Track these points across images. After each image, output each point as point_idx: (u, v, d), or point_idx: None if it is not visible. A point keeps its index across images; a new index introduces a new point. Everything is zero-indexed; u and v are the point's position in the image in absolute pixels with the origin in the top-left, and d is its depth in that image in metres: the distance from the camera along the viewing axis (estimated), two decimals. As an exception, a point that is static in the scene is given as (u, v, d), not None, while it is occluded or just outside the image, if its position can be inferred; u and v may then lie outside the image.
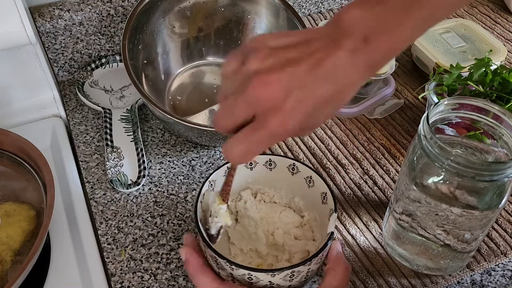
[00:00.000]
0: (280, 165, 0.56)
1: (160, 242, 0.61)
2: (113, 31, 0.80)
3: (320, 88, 0.37)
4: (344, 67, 0.36)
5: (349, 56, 0.36)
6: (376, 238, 0.61)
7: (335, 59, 0.36)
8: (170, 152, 0.72)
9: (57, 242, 0.60)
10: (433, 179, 0.50)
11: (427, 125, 0.48)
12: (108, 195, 0.66)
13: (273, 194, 0.58)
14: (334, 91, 0.37)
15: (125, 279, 0.57)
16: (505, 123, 0.50)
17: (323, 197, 0.53)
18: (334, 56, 0.36)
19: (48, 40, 0.76)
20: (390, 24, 0.36)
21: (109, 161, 0.68)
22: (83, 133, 0.74)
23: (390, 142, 0.72)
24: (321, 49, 0.37)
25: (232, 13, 0.77)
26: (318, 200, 0.54)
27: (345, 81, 0.37)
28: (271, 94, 0.36)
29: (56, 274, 0.58)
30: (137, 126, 0.73)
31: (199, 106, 0.75)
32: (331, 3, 0.97)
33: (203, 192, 0.52)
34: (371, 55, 0.37)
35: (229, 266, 0.45)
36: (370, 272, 0.58)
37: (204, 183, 0.52)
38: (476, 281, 0.58)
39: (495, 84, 0.65)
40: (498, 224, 0.62)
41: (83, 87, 0.79)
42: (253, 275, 0.45)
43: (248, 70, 0.37)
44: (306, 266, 0.46)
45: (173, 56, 0.78)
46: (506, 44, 0.88)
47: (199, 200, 0.51)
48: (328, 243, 0.47)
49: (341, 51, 0.36)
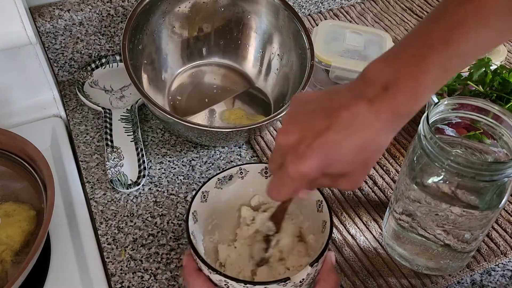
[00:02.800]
0: None
1: (160, 242, 0.61)
2: (113, 31, 0.80)
3: (335, 135, 0.38)
4: (364, 115, 0.38)
5: (369, 105, 0.38)
6: (376, 238, 0.61)
7: (354, 108, 0.38)
8: (170, 152, 0.72)
9: (57, 242, 0.60)
10: (433, 179, 0.50)
11: (427, 125, 0.48)
12: (108, 195, 0.66)
13: None
14: (355, 139, 0.38)
15: (125, 279, 0.57)
16: (505, 123, 0.50)
17: (318, 205, 0.53)
18: (354, 106, 0.38)
19: (48, 40, 0.76)
20: (408, 70, 0.38)
21: (109, 161, 0.68)
22: (83, 133, 0.74)
23: (390, 142, 0.72)
24: (343, 101, 0.39)
25: (232, 13, 0.77)
26: (313, 208, 0.54)
27: (366, 130, 0.38)
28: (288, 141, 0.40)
29: (56, 274, 0.58)
30: (137, 126, 0.73)
31: (199, 106, 0.75)
32: (331, 3, 0.97)
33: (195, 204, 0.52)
34: (392, 102, 0.38)
35: (207, 269, 0.46)
36: (370, 272, 0.58)
37: (195, 194, 0.53)
38: (476, 281, 0.58)
39: (495, 84, 0.65)
40: (498, 224, 0.62)
41: (83, 87, 0.79)
42: (229, 283, 0.45)
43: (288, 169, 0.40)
44: (280, 287, 0.45)
45: (173, 56, 0.78)
46: (506, 44, 0.88)
47: (190, 211, 0.51)
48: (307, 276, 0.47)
49: (361, 101, 0.38)
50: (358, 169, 0.41)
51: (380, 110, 0.38)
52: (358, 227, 0.62)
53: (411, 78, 0.38)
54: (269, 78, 0.79)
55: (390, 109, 0.38)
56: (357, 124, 0.38)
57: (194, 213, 0.52)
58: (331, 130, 0.38)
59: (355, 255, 0.59)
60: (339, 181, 0.42)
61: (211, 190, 0.54)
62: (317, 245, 0.53)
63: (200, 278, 0.48)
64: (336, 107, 0.39)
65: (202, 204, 0.53)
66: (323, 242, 0.49)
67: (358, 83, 0.40)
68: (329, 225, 0.50)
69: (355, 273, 0.58)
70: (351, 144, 0.38)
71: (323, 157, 0.39)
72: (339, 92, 0.40)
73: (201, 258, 0.46)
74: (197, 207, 0.52)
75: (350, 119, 0.38)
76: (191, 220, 0.51)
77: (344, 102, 0.39)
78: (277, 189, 0.43)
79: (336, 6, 0.98)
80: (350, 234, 0.61)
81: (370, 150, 0.40)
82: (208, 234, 0.56)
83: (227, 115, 0.74)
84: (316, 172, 0.39)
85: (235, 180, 0.56)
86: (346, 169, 0.40)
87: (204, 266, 0.46)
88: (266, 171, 0.56)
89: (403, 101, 0.38)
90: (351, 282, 0.57)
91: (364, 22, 0.95)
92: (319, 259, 0.46)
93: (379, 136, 0.39)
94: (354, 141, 0.38)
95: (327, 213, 0.51)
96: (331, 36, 0.79)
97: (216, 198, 0.55)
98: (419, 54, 0.38)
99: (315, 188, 0.51)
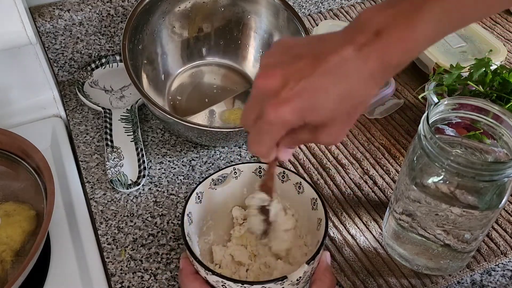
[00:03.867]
0: None
1: (160, 242, 0.61)
2: (113, 31, 0.80)
3: (320, 80, 0.37)
4: (352, 61, 0.36)
5: (358, 50, 0.36)
6: (376, 238, 0.61)
7: (342, 53, 0.36)
8: (170, 152, 0.72)
9: (57, 242, 0.60)
10: (433, 179, 0.50)
11: (427, 125, 0.48)
12: (108, 195, 0.66)
13: None
14: (341, 86, 0.37)
15: (125, 279, 0.57)
16: (505, 123, 0.50)
17: (313, 203, 0.53)
18: (342, 50, 0.36)
19: (48, 40, 0.76)
20: (401, 21, 0.36)
21: (109, 161, 0.68)
22: (83, 133, 0.74)
23: (390, 142, 0.72)
24: (332, 46, 0.37)
25: (232, 13, 0.77)
26: (308, 206, 0.54)
27: (353, 76, 0.37)
28: (269, 86, 0.38)
29: (56, 274, 0.58)
30: (137, 126, 0.73)
31: (199, 106, 0.75)
32: (331, 3, 0.97)
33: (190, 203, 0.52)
34: (382, 50, 0.36)
35: (204, 270, 0.46)
36: (370, 272, 0.58)
37: (190, 194, 0.53)
38: (476, 281, 0.58)
39: (495, 84, 0.65)
40: (498, 224, 0.62)
41: (83, 87, 0.79)
42: (226, 284, 0.45)
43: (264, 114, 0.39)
44: (278, 285, 0.45)
45: (173, 56, 0.78)
46: (506, 44, 0.88)
47: (185, 213, 0.51)
48: (303, 274, 0.46)
49: (350, 46, 0.36)
50: (340, 120, 0.39)
51: (369, 57, 0.36)
52: (358, 227, 0.62)
53: (405, 27, 0.36)
54: (269, 78, 0.79)
55: (379, 57, 0.36)
56: (344, 70, 0.37)
57: (189, 215, 0.52)
58: (316, 74, 0.37)
59: (355, 255, 0.59)
60: (320, 134, 0.40)
61: (206, 191, 0.54)
62: (312, 243, 0.53)
63: (197, 281, 0.48)
64: (324, 51, 0.37)
65: (197, 205, 0.53)
66: (319, 240, 0.49)
67: (350, 29, 0.38)
68: (324, 222, 0.50)
69: (355, 273, 0.58)
70: (336, 89, 0.37)
71: (306, 101, 0.37)
72: (330, 37, 0.39)
73: (197, 260, 0.46)
74: (192, 208, 0.52)
75: (338, 64, 0.36)
76: (187, 221, 0.51)
77: (333, 47, 0.37)
78: (256, 140, 0.41)
79: (336, 6, 0.98)
80: (350, 234, 0.61)
81: (354, 99, 0.38)
82: (203, 235, 0.56)
83: (227, 115, 0.74)
84: (297, 118, 0.38)
85: (229, 180, 0.56)
86: (328, 117, 0.39)
87: (201, 267, 0.46)
88: (260, 171, 0.56)
89: (394, 50, 0.37)
90: (351, 282, 0.57)
91: (364, 22, 0.95)
92: (315, 256, 0.46)
93: (365, 85, 0.38)
94: (339, 87, 0.37)
95: (322, 210, 0.51)
96: (331, 36, 0.79)
97: (211, 198, 0.55)
98: (416, 3, 0.36)
99: (296, 145, 0.48)
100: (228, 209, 0.58)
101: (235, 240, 0.56)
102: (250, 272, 0.54)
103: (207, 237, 0.56)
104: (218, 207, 0.56)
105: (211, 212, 0.56)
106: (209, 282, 0.47)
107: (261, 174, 0.56)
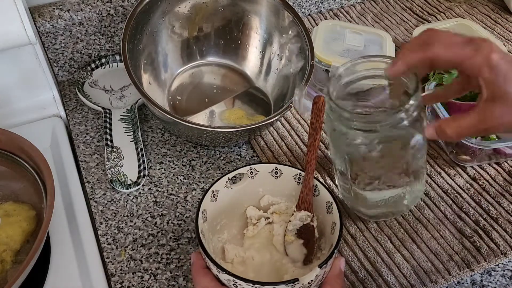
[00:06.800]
0: (286, 174, 0.56)
1: (160, 242, 0.61)
2: (113, 31, 0.80)
3: None
4: None
5: None
6: (376, 237, 0.61)
7: None
8: (170, 152, 0.72)
9: (57, 242, 0.60)
10: (358, 146, 0.52)
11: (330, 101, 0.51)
12: (108, 195, 0.66)
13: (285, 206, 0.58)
14: None
15: (125, 279, 0.57)
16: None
17: (328, 206, 0.53)
18: None
19: (48, 40, 0.76)
20: None
21: (109, 161, 0.68)
22: (83, 133, 0.74)
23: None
24: None
25: (232, 13, 0.77)
26: (323, 209, 0.54)
27: None
28: None
29: (56, 274, 0.58)
30: (137, 126, 0.73)
31: (199, 106, 0.75)
32: (331, 3, 0.97)
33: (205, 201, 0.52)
34: None
35: (216, 268, 0.46)
36: (370, 272, 0.58)
37: (206, 193, 0.52)
38: (476, 281, 0.58)
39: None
40: (498, 224, 0.62)
41: (83, 87, 0.79)
42: (238, 283, 0.45)
43: None
44: (289, 287, 0.45)
45: (173, 56, 0.78)
46: (506, 44, 0.88)
47: (200, 210, 0.51)
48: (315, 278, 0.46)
49: None
50: None
51: None
52: (358, 227, 0.62)
53: None
54: (269, 78, 0.79)
55: None
56: None
57: (204, 212, 0.52)
58: None
59: (354, 255, 0.59)
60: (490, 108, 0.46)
61: (221, 189, 0.54)
62: (326, 246, 0.53)
63: (208, 276, 0.48)
64: None
65: (212, 203, 0.53)
66: (332, 244, 0.48)
67: None
68: (338, 226, 0.49)
69: (355, 273, 0.58)
70: None
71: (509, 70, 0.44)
72: None
73: (210, 257, 0.46)
74: (206, 206, 0.52)
75: None
76: (201, 219, 0.51)
77: None
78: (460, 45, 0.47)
79: (336, 6, 0.98)
80: (349, 234, 0.61)
81: None
82: (217, 234, 0.56)
83: (227, 115, 0.74)
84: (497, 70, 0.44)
85: (245, 179, 0.56)
86: None
87: (213, 265, 0.46)
88: (276, 171, 0.56)
89: None
90: (350, 282, 0.57)
91: (364, 22, 0.95)
92: (328, 260, 0.46)
93: None
94: None
95: (336, 214, 0.51)
96: (331, 36, 0.79)
97: (226, 197, 0.55)
98: None
99: None
100: (243, 209, 0.58)
101: (248, 240, 0.56)
102: (262, 272, 0.54)
103: (221, 235, 0.56)
104: (233, 206, 0.56)
105: (225, 210, 0.56)
106: (220, 280, 0.47)
107: (277, 175, 0.56)
